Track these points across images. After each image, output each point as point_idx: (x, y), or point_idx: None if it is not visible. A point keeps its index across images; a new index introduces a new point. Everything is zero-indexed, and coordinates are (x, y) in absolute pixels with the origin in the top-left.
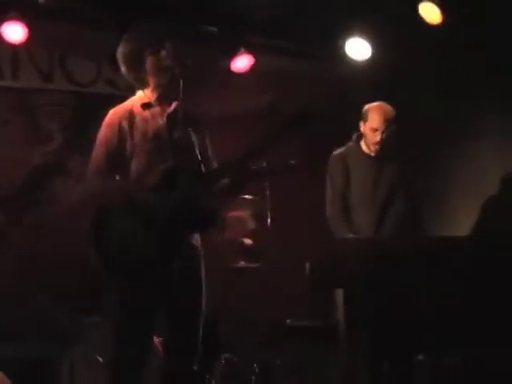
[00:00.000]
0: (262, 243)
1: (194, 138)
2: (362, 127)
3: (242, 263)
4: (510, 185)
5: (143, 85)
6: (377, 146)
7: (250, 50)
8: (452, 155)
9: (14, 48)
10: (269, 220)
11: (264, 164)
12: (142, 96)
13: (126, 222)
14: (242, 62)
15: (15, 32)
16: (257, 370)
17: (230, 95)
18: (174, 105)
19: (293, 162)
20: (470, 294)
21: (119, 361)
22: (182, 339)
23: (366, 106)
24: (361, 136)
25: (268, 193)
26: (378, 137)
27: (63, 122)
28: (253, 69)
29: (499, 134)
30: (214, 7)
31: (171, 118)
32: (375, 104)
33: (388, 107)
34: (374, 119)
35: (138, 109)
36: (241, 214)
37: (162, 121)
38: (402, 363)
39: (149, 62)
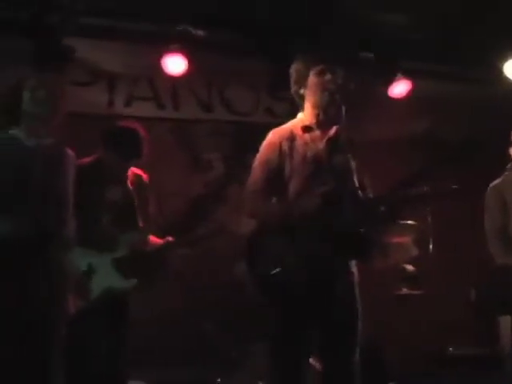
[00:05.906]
0: (424, 269)
1: (352, 163)
2: None
3: (405, 290)
4: None
5: (301, 101)
6: None
7: (408, 75)
8: None
9: (174, 80)
10: (431, 246)
11: (425, 189)
12: (302, 119)
13: (284, 247)
14: (399, 88)
15: (176, 64)
16: None
17: (388, 120)
18: (334, 129)
19: (455, 186)
20: None
21: None
22: (339, 366)
23: None
24: None
25: (430, 218)
26: None
27: (223, 151)
28: (410, 94)
29: None
30: (369, 34)
31: (331, 142)
32: None
33: None
34: None
35: (298, 131)
36: (403, 240)
37: (321, 145)
38: None
39: (311, 80)
